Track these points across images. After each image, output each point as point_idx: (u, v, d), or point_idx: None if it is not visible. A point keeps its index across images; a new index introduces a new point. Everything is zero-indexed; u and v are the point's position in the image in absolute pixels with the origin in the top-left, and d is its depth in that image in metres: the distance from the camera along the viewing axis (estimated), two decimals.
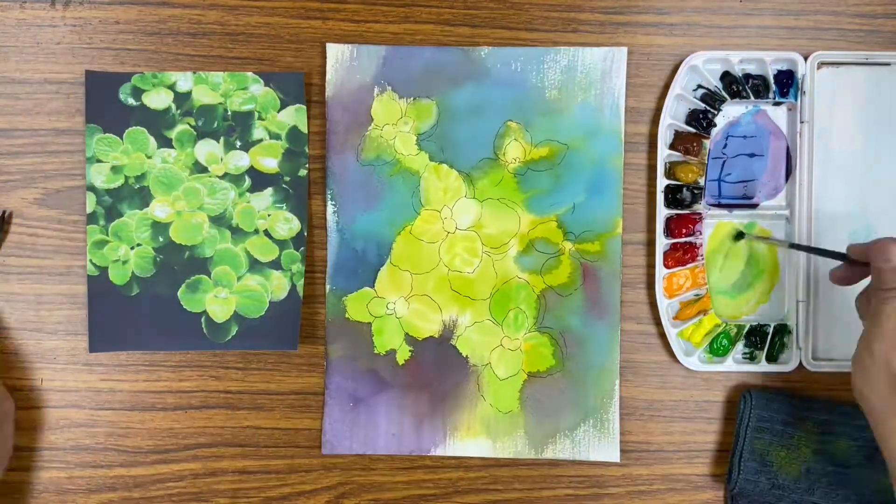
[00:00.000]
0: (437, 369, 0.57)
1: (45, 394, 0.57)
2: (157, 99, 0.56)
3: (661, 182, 0.56)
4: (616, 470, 0.57)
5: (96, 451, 0.57)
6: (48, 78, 0.57)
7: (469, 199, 0.57)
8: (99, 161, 0.56)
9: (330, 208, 0.57)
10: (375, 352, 0.57)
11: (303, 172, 0.57)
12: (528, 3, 0.57)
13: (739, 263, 0.58)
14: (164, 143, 0.56)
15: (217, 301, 0.56)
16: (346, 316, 0.57)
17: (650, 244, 0.57)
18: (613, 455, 0.57)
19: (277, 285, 0.56)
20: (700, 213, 0.56)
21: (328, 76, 0.57)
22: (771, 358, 0.57)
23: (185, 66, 0.57)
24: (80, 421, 0.57)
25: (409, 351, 0.57)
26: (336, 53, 0.57)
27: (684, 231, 0.56)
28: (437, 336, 0.57)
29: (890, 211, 0.57)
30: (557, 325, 0.57)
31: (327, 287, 0.57)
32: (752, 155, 0.58)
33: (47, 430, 0.57)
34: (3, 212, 0.55)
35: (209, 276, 0.56)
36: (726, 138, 0.57)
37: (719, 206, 0.57)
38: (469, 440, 0.57)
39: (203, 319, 0.56)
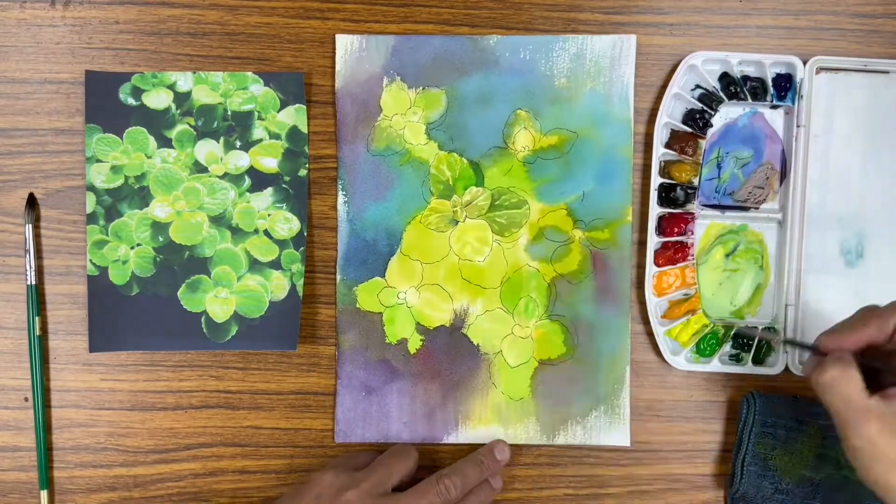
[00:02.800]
0: (449, 358, 0.57)
1: (46, 394, 0.57)
2: (157, 99, 0.56)
3: (655, 180, 0.56)
4: (616, 470, 0.57)
5: (96, 451, 0.57)
6: (48, 78, 0.57)
7: (479, 188, 0.57)
8: (99, 161, 0.56)
9: (340, 198, 0.57)
10: (387, 341, 0.57)
11: (303, 172, 0.57)
12: (527, 3, 0.57)
13: (729, 264, 0.58)
14: (164, 142, 0.56)
15: (217, 301, 0.56)
16: (357, 306, 0.57)
17: (642, 244, 0.57)
18: (624, 440, 0.57)
19: (277, 285, 0.56)
20: (692, 213, 0.56)
21: (337, 67, 0.57)
22: (757, 360, 0.57)
23: (185, 66, 0.57)
24: (80, 421, 0.57)
25: (421, 340, 0.57)
26: (345, 44, 0.57)
27: (676, 230, 0.56)
28: (448, 325, 0.57)
29: (882, 219, 0.57)
30: (568, 312, 0.57)
31: (338, 277, 0.57)
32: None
33: (47, 430, 0.57)
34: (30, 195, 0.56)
35: (209, 276, 0.56)
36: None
37: (712, 206, 0.57)
38: (481, 427, 0.57)
39: (203, 319, 0.56)
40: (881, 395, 0.44)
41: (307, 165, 0.57)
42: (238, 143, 0.57)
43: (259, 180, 0.57)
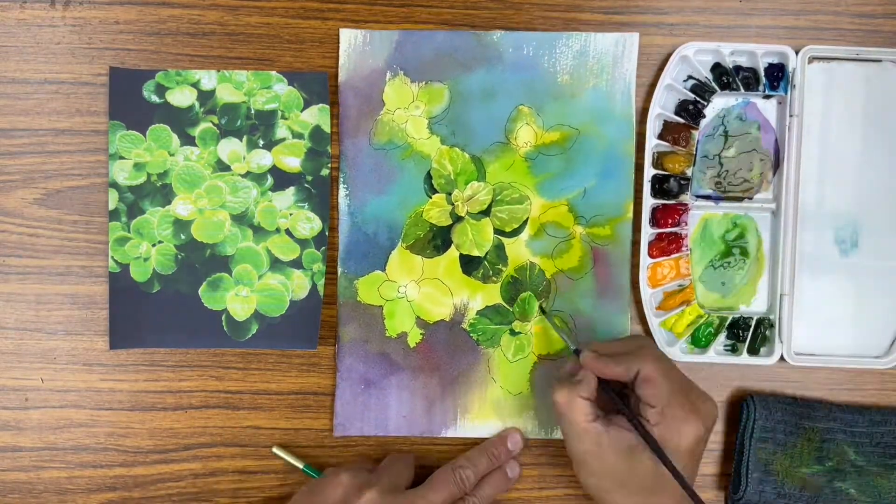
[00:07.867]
0: (448, 352, 0.57)
1: (45, 394, 0.57)
2: (181, 96, 0.56)
3: (649, 172, 0.56)
4: None
5: (96, 451, 0.57)
6: (48, 78, 0.57)
7: (480, 183, 0.57)
8: (121, 158, 0.56)
9: (342, 192, 0.57)
10: (387, 335, 0.57)
11: (325, 172, 0.57)
12: (527, 3, 0.57)
13: (725, 255, 0.58)
14: (187, 140, 0.57)
15: (238, 299, 0.56)
16: (358, 299, 0.57)
17: (636, 234, 0.57)
18: None
19: (298, 285, 0.56)
20: (686, 204, 0.56)
21: (341, 60, 0.57)
22: (752, 350, 0.57)
23: (185, 65, 0.57)
24: (80, 421, 0.57)
25: (421, 334, 0.57)
26: (349, 38, 0.57)
27: (670, 221, 0.56)
28: (448, 319, 0.57)
29: (876, 209, 0.57)
30: (568, 308, 0.57)
31: (339, 270, 0.57)
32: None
33: (47, 430, 0.57)
34: None
35: (230, 275, 0.56)
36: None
37: (706, 197, 0.57)
38: (479, 421, 0.57)
39: (224, 317, 0.56)
40: (604, 419, 0.49)
41: (329, 165, 0.57)
42: (261, 142, 0.57)
43: (281, 179, 0.57)
